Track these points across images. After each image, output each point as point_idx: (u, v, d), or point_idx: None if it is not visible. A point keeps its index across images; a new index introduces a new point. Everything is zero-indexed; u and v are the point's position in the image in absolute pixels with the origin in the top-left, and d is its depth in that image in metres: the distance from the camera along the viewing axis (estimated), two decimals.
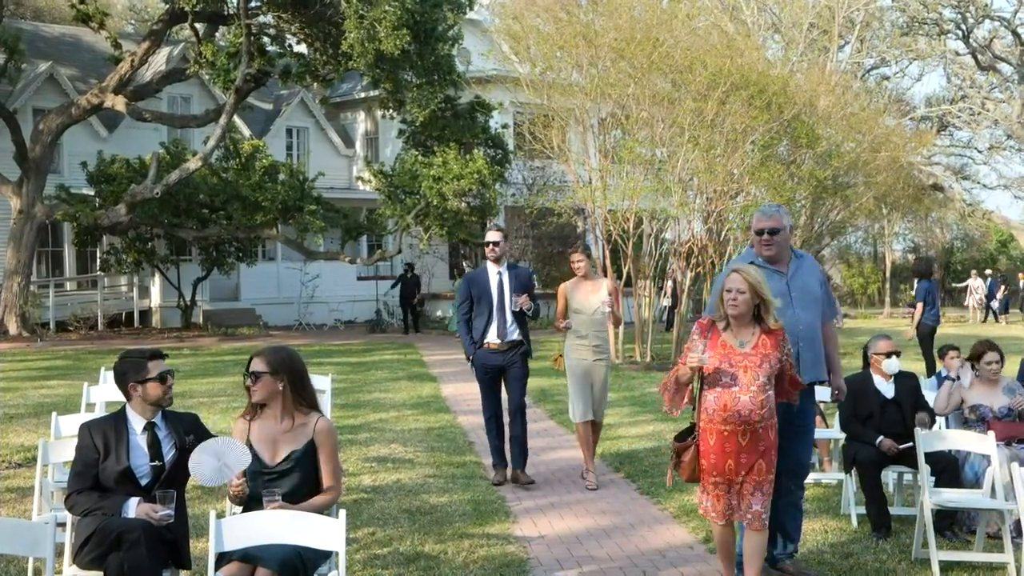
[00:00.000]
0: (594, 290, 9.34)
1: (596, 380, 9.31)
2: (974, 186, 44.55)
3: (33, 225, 25.32)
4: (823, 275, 6.69)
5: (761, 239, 6.42)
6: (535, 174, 31.31)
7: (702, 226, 22.25)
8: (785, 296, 6.24)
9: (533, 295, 9.35)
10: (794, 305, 6.30)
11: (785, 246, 6.49)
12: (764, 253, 6.41)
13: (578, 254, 9.41)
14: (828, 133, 23.04)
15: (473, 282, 9.43)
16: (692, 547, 7.30)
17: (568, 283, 9.49)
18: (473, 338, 9.28)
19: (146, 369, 5.37)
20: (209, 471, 5.12)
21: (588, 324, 9.28)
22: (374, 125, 35.27)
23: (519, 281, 9.34)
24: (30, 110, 28.25)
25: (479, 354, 9.28)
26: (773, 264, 6.41)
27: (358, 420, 12.91)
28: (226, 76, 25.32)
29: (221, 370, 18.32)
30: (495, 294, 9.24)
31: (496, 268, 9.32)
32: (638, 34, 20.65)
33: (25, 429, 11.91)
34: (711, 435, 5.81)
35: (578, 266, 9.38)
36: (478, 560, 6.89)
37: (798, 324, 6.26)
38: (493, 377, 9.34)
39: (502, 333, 9.21)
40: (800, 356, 6.24)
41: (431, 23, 23.30)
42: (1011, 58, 37.94)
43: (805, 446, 6.57)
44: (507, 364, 9.27)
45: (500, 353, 9.24)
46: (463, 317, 9.40)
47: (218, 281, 29.96)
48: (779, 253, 6.45)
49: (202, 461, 5.12)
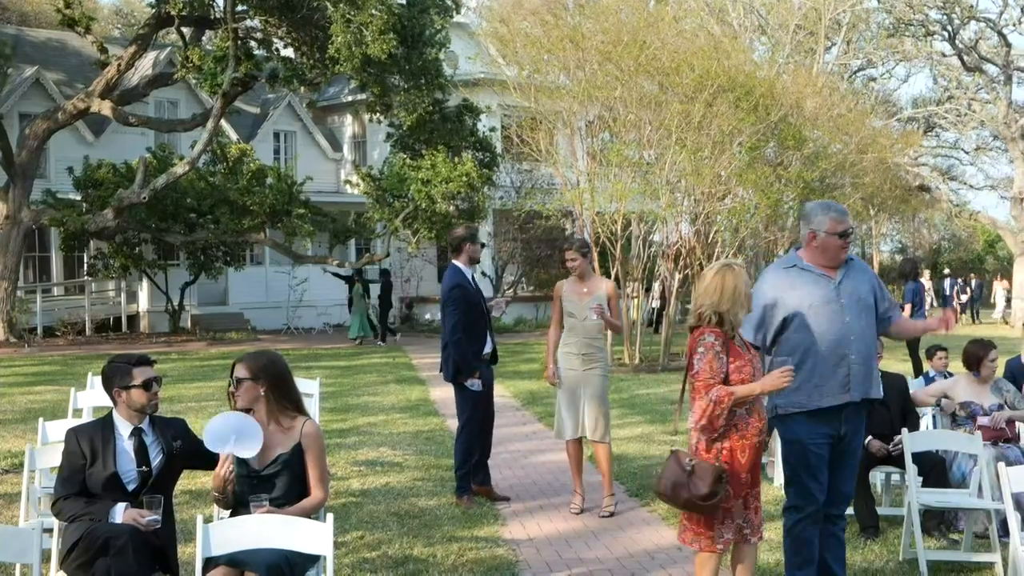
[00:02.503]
0: (589, 292, 8.38)
1: (587, 392, 8.29)
2: (961, 187, 44.69)
3: (20, 230, 25.23)
4: (876, 278, 5.94)
5: (844, 242, 5.68)
6: (523, 177, 31.35)
7: (690, 228, 22.29)
8: (834, 303, 5.63)
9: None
10: (845, 312, 5.64)
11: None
12: (842, 257, 5.71)
13: (572, 251, 8.48)
14: (815, 135, 23.09)
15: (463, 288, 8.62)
16: (680, 548, 7.30)
17: (563, 283, 8.63)
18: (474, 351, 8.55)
19: (131, 375, 5.35)
20: (218, 435, 5.20)
21: (579, 330, 8.32)
22: (362, 129, 35.26)
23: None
24: (16, 115, 28.17)
25: (482, 370, 8.63)
26: (829, 268, 5.73)
27: (347, 424, 12.90)
28: (213, 80, 25.24)
29: (209, 375, 18.28)
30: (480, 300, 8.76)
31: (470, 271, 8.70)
32: (625, 37, 20.68)
33: (12, 435, 11.87)
34: (743, 452, 5.25)
35: (572, 264, 8.46)
36: (467, 563, 6.89)
37: (849, 334, 5.62)
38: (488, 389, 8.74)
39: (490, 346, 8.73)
40: (850, 369, 5.59)
41: (418, 27, 23.29)
42: (997, 59, 38.04)
43: (852, 471, 5.87)
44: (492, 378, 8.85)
45: (489, 368, 8.79)
46: (460, 331, 8.47)
47: (206, 286, 29.89)
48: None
49: (223, 423, 5.23)
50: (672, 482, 5.19)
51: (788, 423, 5.69)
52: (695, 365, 5.27)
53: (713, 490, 5.09)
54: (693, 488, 5.12)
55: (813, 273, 5.68)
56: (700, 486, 5.11)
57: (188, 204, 26.20)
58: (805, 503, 5.65)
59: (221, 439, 5.19)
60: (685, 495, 5.15)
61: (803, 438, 5.61)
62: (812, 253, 5.72)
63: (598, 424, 8.29)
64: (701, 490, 5.10)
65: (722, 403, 5.15)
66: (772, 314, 5.67)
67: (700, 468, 5.14)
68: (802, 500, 5.66)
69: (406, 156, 27.01)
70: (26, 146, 25.36)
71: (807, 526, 5.66)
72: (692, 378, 5.32)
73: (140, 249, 27.96)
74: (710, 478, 5.10)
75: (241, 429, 5.21)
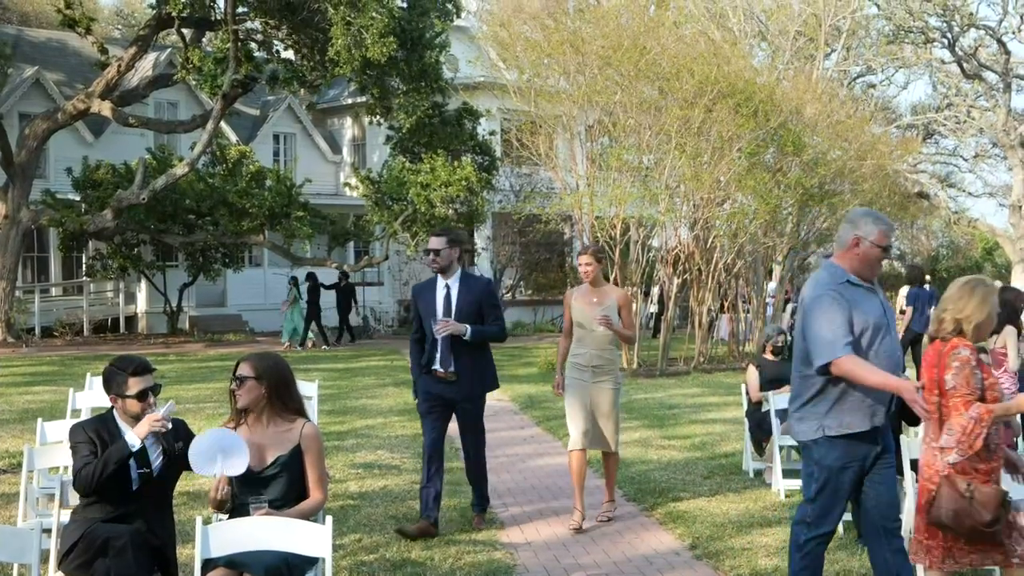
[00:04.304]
0: (599, 301, 7.94)
1: (598, 407, 7.94)
2: (959, 194, 44.72)
3: (18, 230, 25.22)
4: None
5: (885, 256, 5.47)
6: (522, 181, 31.35)
7: (689, 233, 22.29)
8: (882, 318, 5.37)
9: (497, 310, 7.87)
10: (891, 328, 5.42)
11: None
12: (877, 272, 5.50)
13: (586, 256, 8.04)
14: (814, 141, 23.06)
15: (419, 296, 7.90)
16: (679, 553, 7.31)
17: (572, 291, 8.25)
18: (419, 362, 7.78)
19: (127, 385, 5.33)
20: (204, 458, 5.13)
21: (589, 340, 7.95)
22: (361, 131, 35.26)
23: (471, 296, 7.72)
24: (16, 115, 28.17)
25: (423, 380, 7.77)
26: (867, 282, 5.47)
27: (345, 426, 12.90)
28: (213, 82, 25.28)
29: (208, 376, 18.27)
30: (440, 312, 7.68)
31: (444, 280, 7.73)
32: (625, 41, 20.69)
33: (10, 435, 11.87)
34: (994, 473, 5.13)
35: (585, 270, 8.01)
36: (465, 567, 6.89)
37: (896, 351, 5.43)
38: (435, 408, 7.77)
39: (445, 362, 7.65)
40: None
41: (418, 31, 23.33)
42: (996, 66, 38.08)
43: (894, 480, 5.65)
44: (459, 400, 7.78)
45: (447, 384, 7.69)
46: (413, 336, 7.90)
47: (204, 287, 29.88)
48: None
49: (207, 444, 5.14)
50: (953, 510, 5.02)
51: (832, 446, 5.39)
52: (949, 381, 5.06)
53: (996, 516, 4.95)
54: (976, 515, 4.97)
55: (863, 288, 5.43)
56: (983, 513, 4.97)
57: (187, 205, 26.20)
58: (824, 523, 5.49)
59: (208, 460, 5.13)
60: (969, 523, 4.99)
61: (846, 462, 5.39)
62: (851, 261, 5.44)
63: (608, 436, 8.07)
64: (985, 517, 4.96)
65: (983, 421, 4.97)
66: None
67: (981, 493, 5.00)
68: (822, 519, 5.49)
69: (405, 159, 27.03)
70: (25, 146, 25.36)
71: (820, 544, 5.52)
72: (944, 394, 5.11)
73: (139, 250, 27.96)
74: (993, 503, 4.96)
75: (226, 447, 5.13)
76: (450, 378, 7.64)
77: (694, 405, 15.25)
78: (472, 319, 7.62)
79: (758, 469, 9.77)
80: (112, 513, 5.20)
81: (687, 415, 14.17)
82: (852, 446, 5.38)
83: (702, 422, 13.48)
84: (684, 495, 9.02)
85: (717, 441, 11.90)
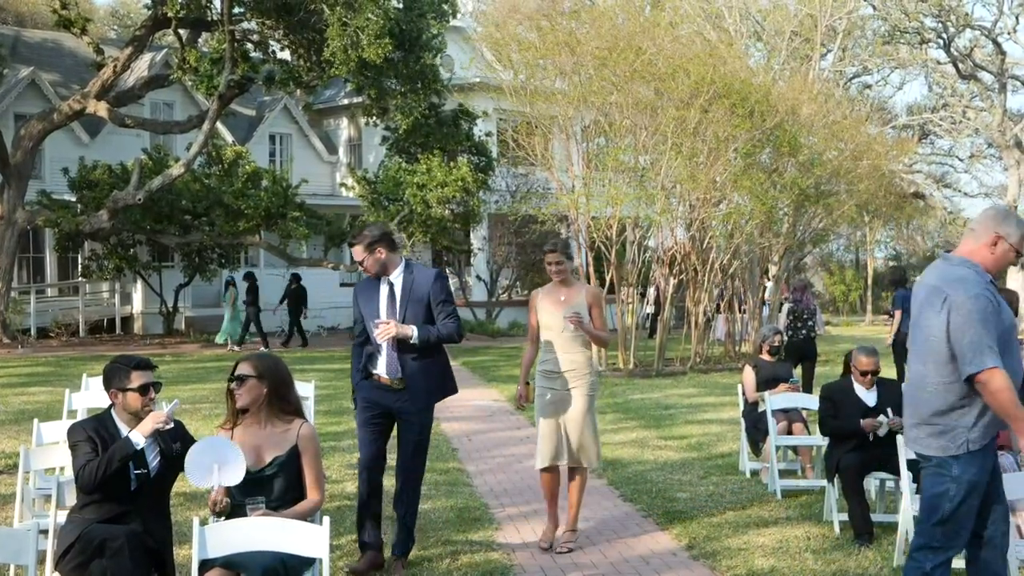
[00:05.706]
0: (567, 300, 7.20)
1: (569, 415, 7.20)
2: (955, 194, 44.84)
3: (14, 231, 25.19)
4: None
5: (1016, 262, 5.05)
6: (518, 181, 31.32)
7: (685, 233, 22.31)
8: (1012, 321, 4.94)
9: (449, 306, 6.67)
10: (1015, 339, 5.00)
11: None
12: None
13: (554, 253, 7.20)
14: (810, 141, 23.10)
15: (359, 295, 6.85)
16: (675, 553, 7.32)
17: (540, 290, 7.49)
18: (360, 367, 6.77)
19: (129, 378, 5.34)
20: (201, 469, 5.10)
21: (557, 344, 7.18)
22: (357, 132, 35.25)
23: (418, 292, 6.63)
24: (11, 116, 28.15)
25: (362, 385, 6.77)
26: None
27: (342, 427, 12.87)
28: (209, 82, 25.28)
29: (204, 377, 18.24)
30: (383, 312, 6.64)
31: (387, 277, 6.70)
32: (620, 42, 20.70)
33: (6, 436, 11.85)
34: None
35: (556, 268, 7.21)
36: (461, 567, 6.89)
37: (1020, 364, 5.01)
38: (375, 418, 6.74)
39: (391, 368, 6.64)
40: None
41: (415, 32, 23.31)
42: (992, 67, 38.16)
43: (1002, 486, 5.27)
44: (404, 412, 6.73)
45: (392, 392, 6.68)
46: (356, 340, 6.86)
47: (200, 287, 29.84)
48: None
49: (202, 454, 5.11)
50: None
51: (972, 460, 4.92)
52: None
53: None
54: None
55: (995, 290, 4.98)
56: None
57: (183, 206, 26.16)
58: (954, 544, 5.01)
59: (205, 471, 5.09)
60: None
61: (984, 476, 4.96)
62: (985, 259, 4.93)
63: (580, 449, 7.25)
64: None
65: None
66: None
67: None
68: (952, 540, 4.98)
69: (402, 160, 27.04)
70: (21, 147, 25.33)
71: (946, 569, 5.00)
72: None
73: (134, 250, 27.92)
74: None
75: (222, 457, 5.11)
76: (396, 386, 6.65)
77: (690, 405, 15.26)
78: (420, 318, 6.60)
79: (754, 469, 9.77)
80: (109, 514, 5.18)
81: (683, 415, 14.17)
82: (987, 457, 4.98)
83: (698, 422, 13.49)
84: (681, 495, 9.02)
85: (714, 441, 11.90)
